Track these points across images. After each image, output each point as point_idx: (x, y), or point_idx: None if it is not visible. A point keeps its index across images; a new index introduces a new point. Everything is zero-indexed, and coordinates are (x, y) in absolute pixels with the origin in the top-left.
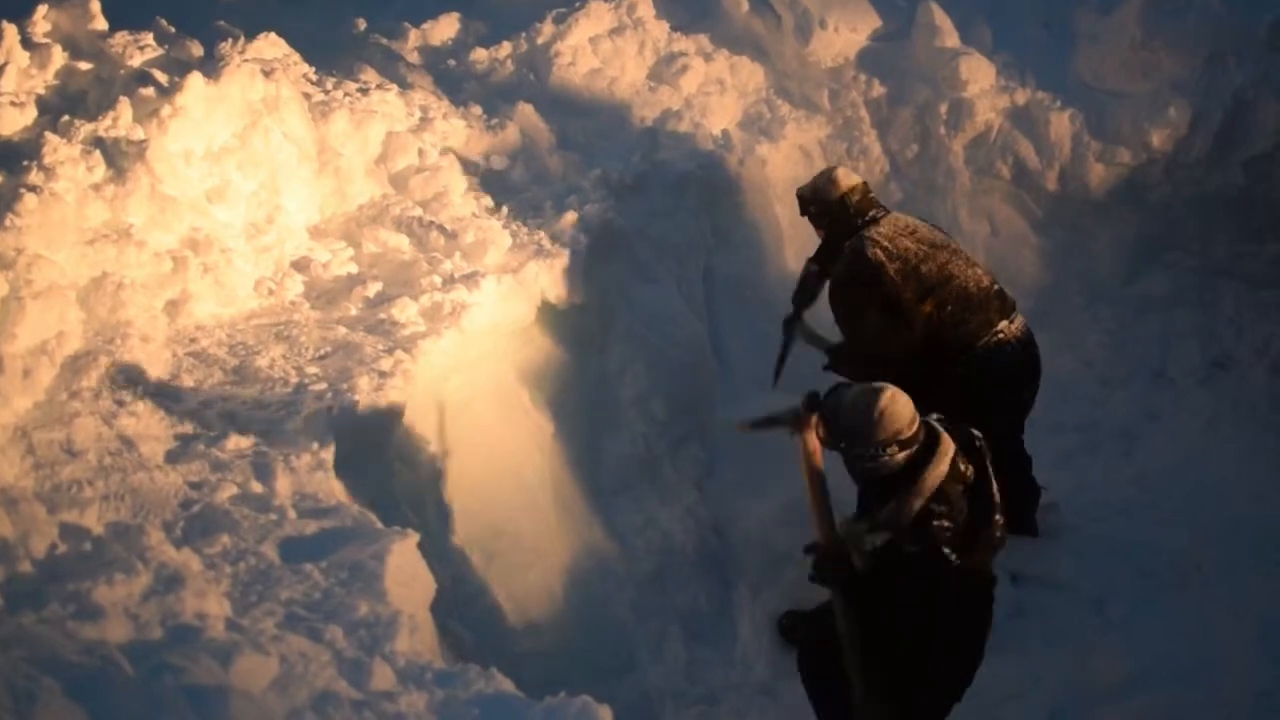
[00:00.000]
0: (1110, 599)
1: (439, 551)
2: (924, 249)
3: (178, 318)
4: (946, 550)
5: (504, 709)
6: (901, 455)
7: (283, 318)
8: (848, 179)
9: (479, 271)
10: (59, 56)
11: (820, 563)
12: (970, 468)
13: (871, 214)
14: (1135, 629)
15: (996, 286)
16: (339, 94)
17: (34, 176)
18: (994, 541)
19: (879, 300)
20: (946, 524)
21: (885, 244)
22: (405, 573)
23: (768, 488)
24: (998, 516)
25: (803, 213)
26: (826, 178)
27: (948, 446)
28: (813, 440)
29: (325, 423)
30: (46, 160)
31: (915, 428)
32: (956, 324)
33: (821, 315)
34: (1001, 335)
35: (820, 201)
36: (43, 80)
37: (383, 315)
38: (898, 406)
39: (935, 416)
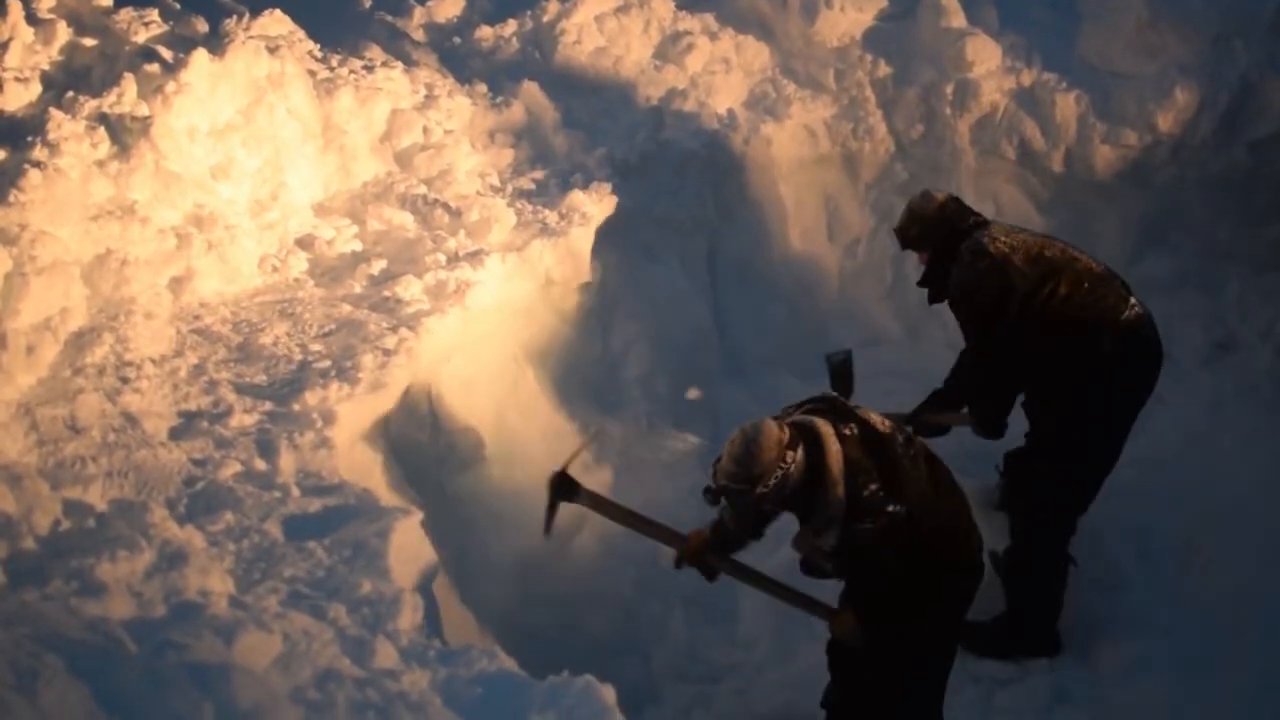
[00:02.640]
0: (1114, 581)
1: (442, 530)
2: (1039, 238)
3: (181, 295)
4: (891, 508)
5: (507, 688)
6: (798, 457)
7: (287, 295)
8: (939, 194)
9: (483, 249)
10: (64, 32)
11: (693, 562)
12: (851, 426)
13: (974, 219)
14: (1139, 611)
15: (1112, 269)
16: (344, 71)
17: (38, 152)
18: (917, 475)
19: (1008, 293)
20: (873, 485)
21: (1003, 239)
22: (408, 551)
23: None
24: (895, 445)
25: (904, 244)
26: (922, 196)
27: (825, 429)
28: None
29: (329, 401)
30: (51, 136)
31: (788, 432)
32: (1096, 299)
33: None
34: (1138, 309)
35: (920, 221)
36: (47, 56)
37: (387, 293)
38: (761, 427)
39: (789, 414)
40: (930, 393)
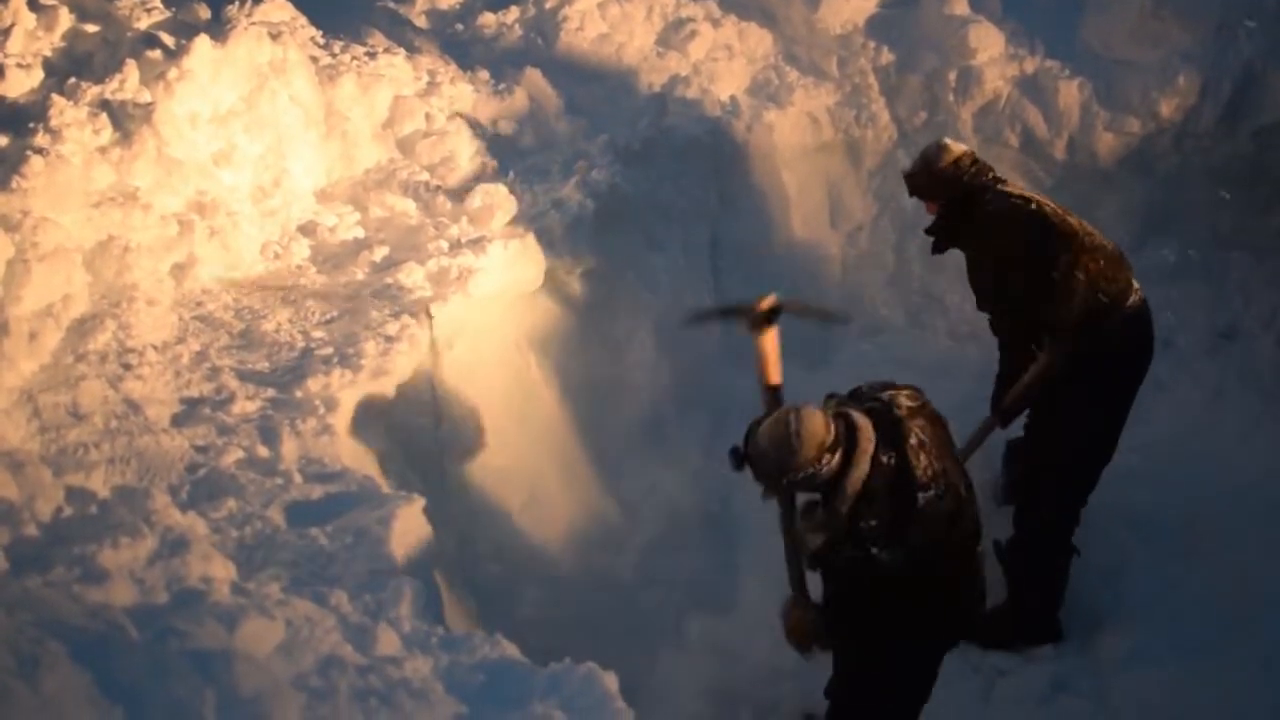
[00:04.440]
0: (1116, 569)
1: (444, 516)
2: (1058, 207)
3: (184, 281)
4: (874, 549)
5: (509, 675)
6: (833, 461)
7: (289, 282)
8: (956, 145)
9: (486, 236)
10: (66, 18)
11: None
12: (892, 456)
13: (991, 176)
14: (1140, 599)
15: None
16: (346, 58)
17: (40, 139)
18: (933, 527)
19: (1047, 232)
20: (873, 522)
21: (1028, 194)
22: (411, 538)
23: None
24: (921, 497)
25: (912, 191)
26: (936, 145)
27: (866, 445)
28: (768, 341)
29: (331, 387)
30: (53, 123)
31: (834, 430)
32: (1110, 279)
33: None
34: (1140, 295)
35: (928, 172)
36: (49, 42)
37: (389, 280)
38: (809, 419)
39: (845, 402)
40: (995, 387)
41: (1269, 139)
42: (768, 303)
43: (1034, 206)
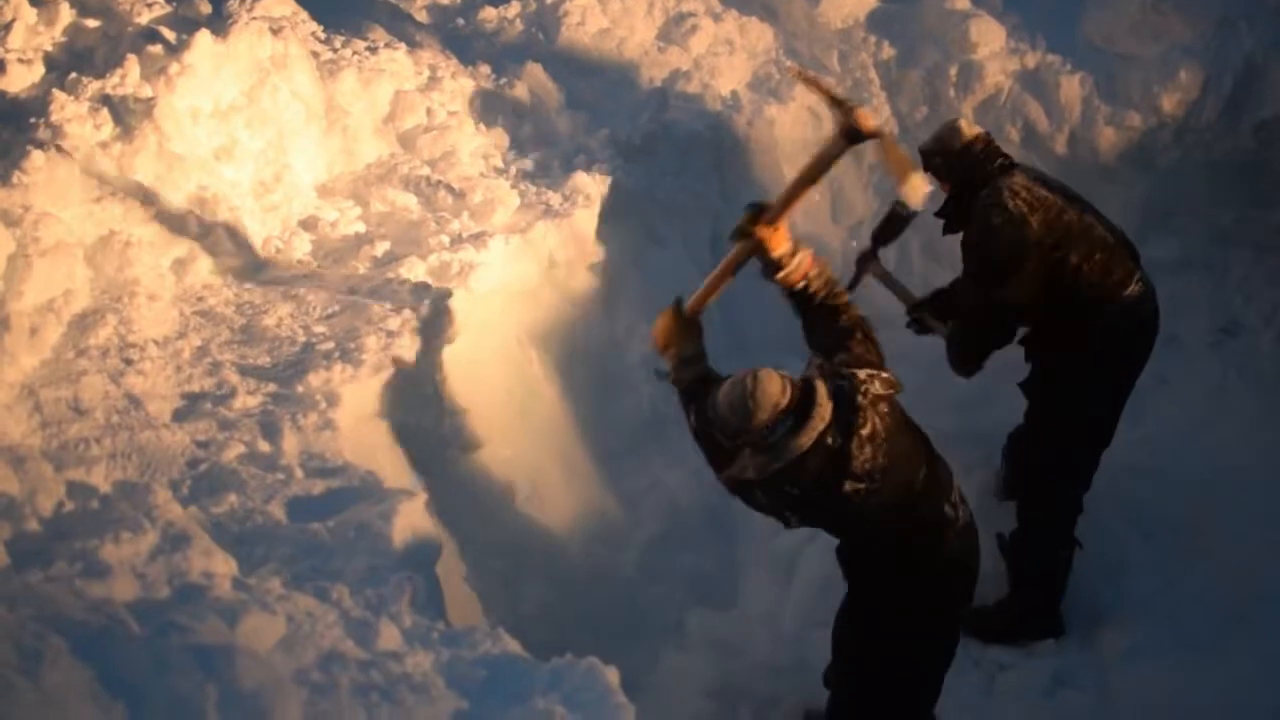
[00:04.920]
0: (1117, 564)
1: (446, 512)
2: (1061, 199)
3: (185, 276)
4: (787, 514)
5: (510, 670)
6: (790, 423)
7: (290, 276)
8: (970, 128)
9: (487, 231)
10: (67, 13)
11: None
12: (839, 439)
13: (1000, 161)
14: (1142, 595)
15: (1124, 235)
16: (347, 52)
17: (41, 134)
18: (874, 518)
19: (1023, 252)
20: (795, 491)
21: (1024, 194)
22: (412, 533)
23: None
24: (848, 485)
25: (926, 167)
26: (949, 127)
27: (818, 422)
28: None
29: (332, 382)
30: (54, 118)
31: (790, 395)
32: (1105, 273)
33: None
34: (1141, 285)
35: (943, 153)
36: (50, 37)
37: (390, 275)
38: (766, 380)
39: (823, 367)
40: (935, 291)
41: (1270, 133)
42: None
43: (1013, 219)
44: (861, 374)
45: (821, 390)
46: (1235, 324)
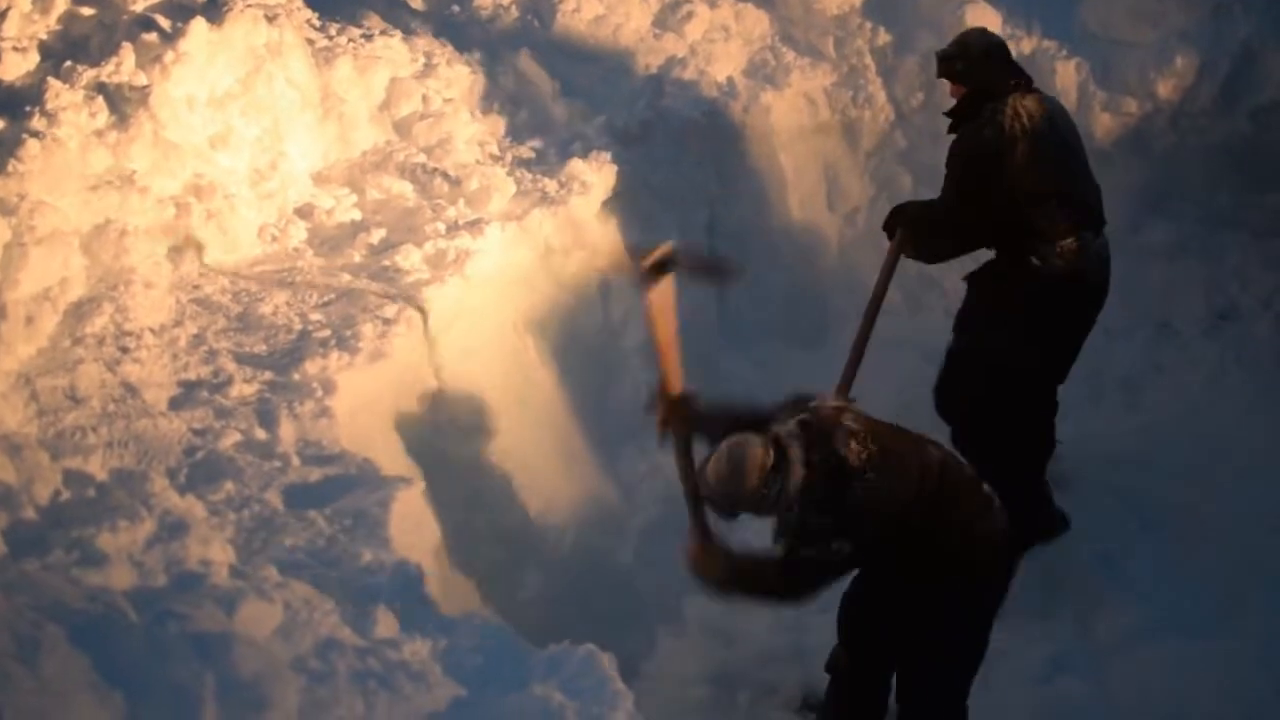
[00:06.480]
0: (1115, 550)
1: (443, 499)
2: (1058, 139)
3: (181, 264)
4: (833, 544)
5: (507, 656)
6: (778, 479)
7: (286, 264)
8: (995, 37)
9: (483, 219)
10: (61, 2)
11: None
12: (824, 454)
13: (1014, 81)
14: (1140, 581)
15: (1098, 200)
16: (342, 40)
17: (37, 122)
18: (890, 508)
19: (994, 173)
20: (826, 520)
21: (1025, 120)
22: (409, 520)
23: None
24: (858, 485)
25: (941, 72)
26: (976, 32)
27: (794, 455)
28: (659, 296)
29: (329, 370)
30: (49, 106)
31: (772, 454)
32: (1067, 218)
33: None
34: (1080, 245)
35: (967, 57)
36: (45, 25)
37: (386, 262)
38: (748, 448)
39: (789, 413)
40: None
41: (1266, 119)
42: (661, 252)
43: (1005, 139)
44: (811, 404)
45: (782, 432)
46: (1231, 309)
